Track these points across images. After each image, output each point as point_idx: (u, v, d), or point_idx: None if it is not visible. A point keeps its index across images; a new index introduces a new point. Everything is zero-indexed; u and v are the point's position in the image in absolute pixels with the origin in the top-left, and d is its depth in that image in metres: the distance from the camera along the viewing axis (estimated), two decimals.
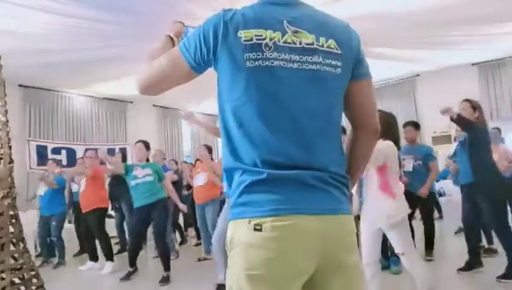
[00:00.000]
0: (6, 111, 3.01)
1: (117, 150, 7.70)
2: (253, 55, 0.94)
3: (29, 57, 5.86)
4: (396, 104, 8.98)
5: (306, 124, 0.96)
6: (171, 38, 1.29)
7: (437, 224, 4.25)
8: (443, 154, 7.00)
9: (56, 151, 7.58)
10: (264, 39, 0.95)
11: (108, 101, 8.78)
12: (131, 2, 4.61)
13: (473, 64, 8.10)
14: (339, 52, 1.00)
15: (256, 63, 0.94)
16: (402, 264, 2.62)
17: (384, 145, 2.43)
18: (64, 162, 7.59)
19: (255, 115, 0.94)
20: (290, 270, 0.90)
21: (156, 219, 4.23)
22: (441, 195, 7.66)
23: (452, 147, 5.79)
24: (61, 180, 5.72)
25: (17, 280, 2.86)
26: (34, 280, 2.99)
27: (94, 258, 5.15)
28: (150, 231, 4.85)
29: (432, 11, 5.28)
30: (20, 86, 7.33)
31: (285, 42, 0.96)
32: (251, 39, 0.94)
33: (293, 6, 1.03)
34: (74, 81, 7.44)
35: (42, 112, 7.69)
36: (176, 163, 7.06)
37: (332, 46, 0.99)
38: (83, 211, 5.04)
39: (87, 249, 5.34)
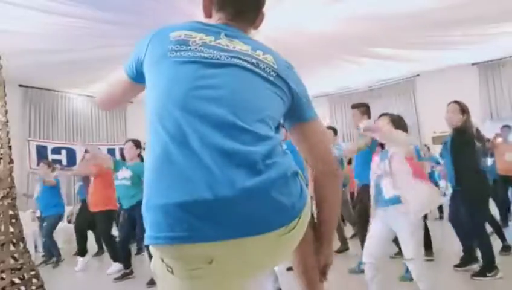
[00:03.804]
0: (6, 111, 3.00)
1: (117, 150, 7.69)
2: (177, 47, 0.90)
3: (29, 57, 5.86)
4: (396, 104, 8.95)
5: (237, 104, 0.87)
6: None
7: (437, 224, 4.25)
8: None
9: (56, 151, 7.58)
10: (193, 37, 0.91)
11: None
12: (132, 2, 4.61)
13: (473, 64, 8.08)
14: (275, 67, 0.94)
15: (178, 53, 0.89)
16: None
17: (401, 133, 2.55)
18: (64, 162, 7.59)
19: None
20: None
21: (138, 222, 4.04)
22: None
23: None
24: (57, 181, 5.67)
25: (17, 280, 2.85)
26: (34, 280, 2.98)
27: (82, 253, 5.07)
28: None
29: (432, 11, 5.27)
30: (20, 86, 7.33)
31: (216, 43, 0.91)
32: (179, 36, 0.92)
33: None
34: (74, 81, 7.44)
35: (42, 112, 7.70)
36: None
37: (269, 60, 0.94)
38: (91, 210, 4.94)
39: (77, 243, 5.22)
